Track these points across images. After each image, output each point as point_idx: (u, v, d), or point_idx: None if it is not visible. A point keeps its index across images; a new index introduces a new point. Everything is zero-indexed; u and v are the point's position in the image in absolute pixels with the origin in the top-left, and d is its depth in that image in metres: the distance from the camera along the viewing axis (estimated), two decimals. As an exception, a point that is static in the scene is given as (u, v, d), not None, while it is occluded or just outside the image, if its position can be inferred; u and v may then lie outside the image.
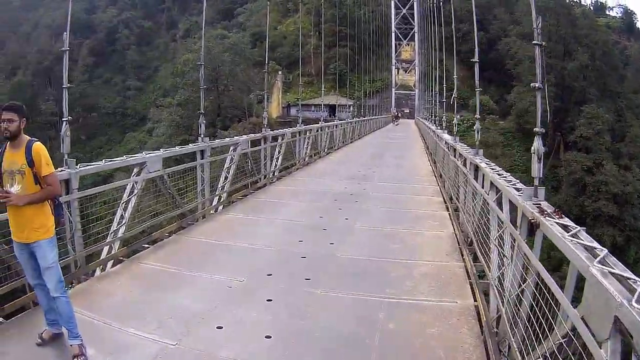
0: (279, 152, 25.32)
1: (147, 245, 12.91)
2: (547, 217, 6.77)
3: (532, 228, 7.17)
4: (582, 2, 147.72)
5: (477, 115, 17.52)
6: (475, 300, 9.61)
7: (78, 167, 10.58)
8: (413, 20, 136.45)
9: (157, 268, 11.28)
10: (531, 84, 8.89)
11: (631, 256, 70.86)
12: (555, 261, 13.64)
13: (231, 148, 19.39)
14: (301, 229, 14.92)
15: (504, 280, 8.50)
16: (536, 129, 8.57)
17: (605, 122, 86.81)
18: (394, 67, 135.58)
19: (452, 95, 32.27)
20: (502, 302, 8.25)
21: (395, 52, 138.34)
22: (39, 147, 7.15)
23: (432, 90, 62.98)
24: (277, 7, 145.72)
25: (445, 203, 19.21)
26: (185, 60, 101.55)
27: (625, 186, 77.62)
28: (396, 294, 9.87)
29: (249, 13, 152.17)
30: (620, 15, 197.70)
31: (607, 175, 77.63)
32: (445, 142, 24.13)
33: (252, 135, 22.18)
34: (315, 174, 27.31)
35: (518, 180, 9.68)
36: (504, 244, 8.92)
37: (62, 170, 10.07)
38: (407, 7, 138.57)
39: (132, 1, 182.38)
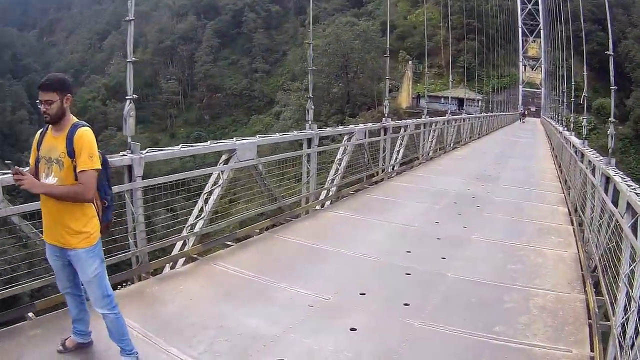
0: (401, 144, 23.74)
1: (230, 243, 11.53)
2: None
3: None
4: None
5: (612, 119, 15.75)
6: (592, 350, 7.82)
7: (144, 152, 9.35)
8: (538, 16, 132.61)
9: (232, 272, 9.90)
10: None
11: None
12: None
13: (345, 137, 17.99)
14: (412, 236, 13.33)
15: (627, 328, 6.80)
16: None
17: None
18: (521, 64, 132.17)
19: (579, 95, 30.56)
20: (621, 355, 6.70)
21: (522, 49, 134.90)
22: (84, 133, 5.73)
23: (558, 90, 60.84)
24: None
25: (570, 215, 17.36)
26: (315, 46, 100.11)
27: None
28: (506, 333, 8.13)
29: (378, 1, 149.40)
30: None
31: None
32: (573, 146, 22.86)
33: (370, 124, 20.86)
34: (438, 170, 25.74)
35: None
36: (634, 283, 7.15)
37: (123, 155, 8.99)
38: (532, 3, 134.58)
39: None
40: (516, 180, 24.53)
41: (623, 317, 7.26)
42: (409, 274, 10.42)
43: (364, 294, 9.18)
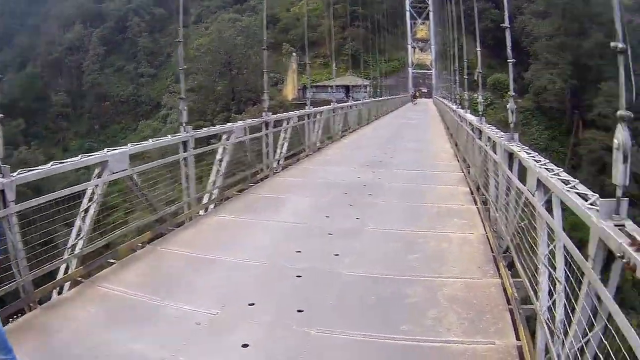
0: (284, 138, 22.73)
1: (113, 261, 10.60)
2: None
3: (608, 262, 5.18)
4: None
5: (512, 92, 14.43)
6: (518, 339, 7.32)
7: (14, 174, 8.50)
8: None
9: (117, 293, 9.06)
10: (611, 44, 5.58)
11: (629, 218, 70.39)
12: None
13: (223, 137, 16.86)
14: (302, 234, 12.45)
15: (556, 312, 6.39)
16: (621, 112, 5.43)
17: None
18: (409, 47, 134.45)
19: (472, 73, 30.13)
20: (552, 341, 6.30)
21: (411, 32, 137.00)
22: None
23: (450, 69, 61.07)
24: None
25: (473, 194, 16.83)
26: (197, 45, 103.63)
27: None
28: (415, 332, 7.48)
29: None
30: None
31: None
32: (469, 123, 21.61)
33: (250, 121, 19.73)
34: (326, 161, 24.76)
35: (576, 180, 7.12)
36: (556, 264, 6.74)
37: (-14, 180, 8.05)
38: None
39: None
40: (410, 164, 24.02)
41: (549, 301, 6.89)
42: (300, 277, 9.73)
43: (253, 304, 8.49)
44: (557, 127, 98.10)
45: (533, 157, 9.54)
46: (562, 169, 7.93)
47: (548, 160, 8.87)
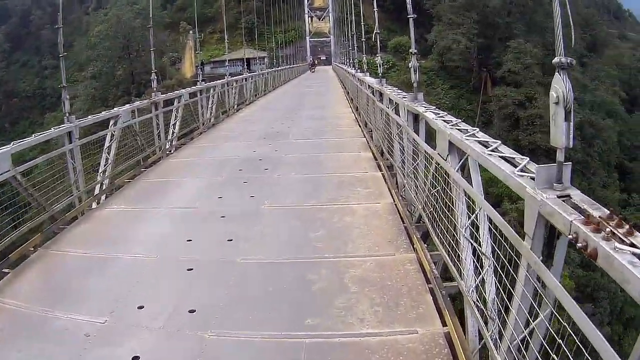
0: (176, 117, 21.78)
1: (6, 270, 9.37)
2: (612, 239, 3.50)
3: (550, 240, 4.40)
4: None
5: (413, 50, 12.59)
6: (444, 325, 6.49)
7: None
8: None
9: (9, 307, 7.94)
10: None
11: (575, 186, 71.10)
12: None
13: (111, 122, 15.69)
14: (193, 220, 11.55)
15: (486, 293, 5.68)
16: (559, 59, 4.46)
17: (534, 56, 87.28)
18: (307, 16, 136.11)
19: (371, 37, 29.28)
20: (487, 328, 5.48)
21: (308, 1, 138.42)
22: None
23: (348, 34, 60.49)
24: None
25: (376, 160, 16.11)
26: (98, 32, 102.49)
27: None
28: (323, 326, 6.68)
29: None
30: None
31: (541, 108, 77.40)
32: (369, 86, 21.11)
33: (138, 103, 18.46)
34: (221, 137, 23.65)
35: (498, 142, 6.32)
36: (480, 237, 6.01)
37: None
38: None
39: None
40: (309, 133, 22.99)
41: (476, 280, 6.09)
42: (191, 269, 8.78)
43: (143, 307, 7.54)
44: (464, 86, 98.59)
45: (442, 117, 8.86)
46: (477, 129, 7.20)
47: (460, 120, 8.13)
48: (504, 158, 5.66)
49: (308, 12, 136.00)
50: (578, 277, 48.51)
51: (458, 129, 7.35)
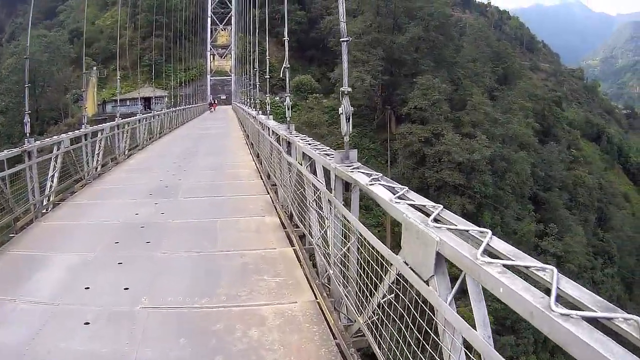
0: (55, 167, 18.00)
1: None
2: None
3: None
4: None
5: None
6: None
7: None
8: (230, 3, 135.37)
9: None
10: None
11: (487, 221, 72.72)
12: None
13: None
14: (46, 328, 8.05)
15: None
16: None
17: (442, 91, 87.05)
18: (209, 53, 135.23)
19: (275, 76, 27.22)
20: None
21: (211, 38, 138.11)
22: None
23: (249, 72, 58.69)
24: (95, 0, 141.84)
25: (285, 228, 13.30)
26: (8, 65, 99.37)
27: (471, 154, 78.38)
28: None
29: (69, 10, 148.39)
30: None
31: (449, 144, 78.55)
32: (273, 132, 18.36)
33: (4, 152, 14.37)
34: (104, 191, 19.75)
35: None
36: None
37: None
38: None
39: None
40: (204, 187, 19.77)
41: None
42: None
43: None
44: (367, 125, 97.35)
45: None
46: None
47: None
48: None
49: (210, 49, 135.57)
50: (496, 310, 47.65)
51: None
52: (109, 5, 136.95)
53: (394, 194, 6.23)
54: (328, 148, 9.29)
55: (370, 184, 6.75)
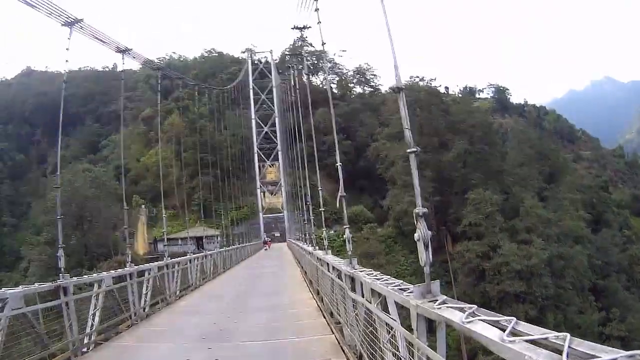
0: (95, 306, 16.97)
1: None
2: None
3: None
4: (450, 92, 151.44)
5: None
6: None
7: None
8: (275, 138, 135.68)
9: None
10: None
11: (550, 322, 71.41)
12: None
13: None
14: None
15: None
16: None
17: (494, 203, 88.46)
18: (259, 191, 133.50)
19: (327, 209, 25.95)
20: None
21: (260, 174, 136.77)
22: None
23: (301, 208, 57.98)
24: (140, 137, 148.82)
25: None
26: (52, 197, 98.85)
27: (529, 260, 78.78)
28: None
29: (112, 145, 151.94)
30: (491, 95, 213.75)
31: (507, 255, 79.32)
32: (333, 268, 16.61)
33: (37, 285, 14.23)
34: (150, 335, 17.87)
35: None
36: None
37: None
38: (268, 125, 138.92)
39: (5, 131, 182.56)
40: (260, 330, 17.27)
41: None
42: None
43: None
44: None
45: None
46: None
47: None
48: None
49: (260, 186, 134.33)
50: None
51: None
52: (152, 142, 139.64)
53: (503, 330, 5.20)
54: (400, 282, 8.23)
55: (468, 321, 5.52)
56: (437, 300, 6.62)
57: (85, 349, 15.00)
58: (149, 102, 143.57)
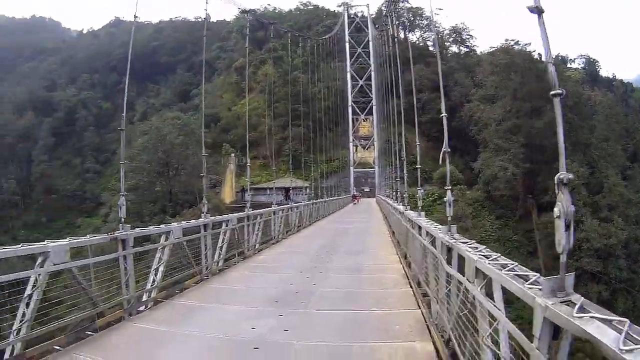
0: (160, 260, 15.54)
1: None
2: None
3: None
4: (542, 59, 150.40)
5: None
6: None
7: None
8: (371, 92, 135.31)
9: None
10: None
11: (619, 308, 70.14)
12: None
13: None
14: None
15: None
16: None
17: (580, 176, 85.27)
18: (351, 145, 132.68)
19: (416, 168, 24.24)
20: None
21: (353, 128, 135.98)
22: None
23: (393, 165, 55.95)
24: (232, 87, 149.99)
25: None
26: (139, 144, 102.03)
27: (608, 239, 77.91)
28: None
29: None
30: (582, 66, 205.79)
31: (588, 231, 77.77)
32: (427, 233, 13.32)
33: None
34: (216, 293, 16.15)
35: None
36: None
37: None
38: (364, 79, 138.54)
39: (91, 80, 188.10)
40: (340, 296, 15.28)
41: None
42: None
43: None
44: (510, 215, 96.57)
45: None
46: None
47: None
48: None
49: (353, 140, 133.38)
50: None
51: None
52: (244, 92, 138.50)
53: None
54: (514, 263, 6.62)
55: (628, 349, 3.92)
56: (572, 302, 4.88)
57: (142, 307, 13.88)
58: (242, 52, 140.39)
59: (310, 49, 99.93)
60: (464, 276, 8.34)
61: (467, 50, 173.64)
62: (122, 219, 14.20)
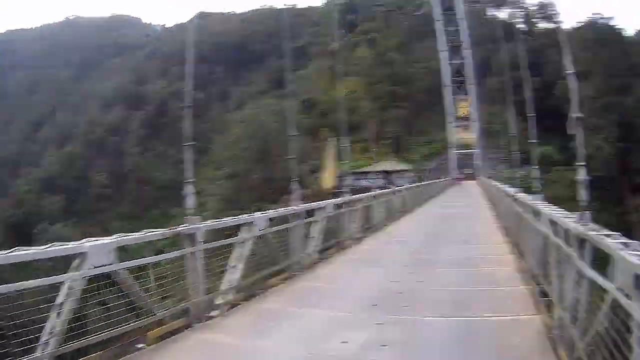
0: (240, 256, 13.86)
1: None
2: None
3: None
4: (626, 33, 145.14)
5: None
6: None
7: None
8: (464, 71, 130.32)
9: None
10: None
11: None
12: None
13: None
14: None
15: None
16: None
17: None
18: (451, 125, 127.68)
19: (520, 148, 22.61)
20: None
21: (451, 109, 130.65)
22: None
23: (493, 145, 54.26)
24: (328, 71, 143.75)
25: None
26: (235, 133, 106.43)
27: None
28: None
29: (300, 81, 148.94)
30: None
31: None
32: (552, 222, 11.41)
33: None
34: (306, 294, 14.31)
35: None
36: None
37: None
38: (458, 58, 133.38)
39: (182, 73, 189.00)
40: (448, 298, 13.00)
41: None
42: None
43: None
44: (604, 197, 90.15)
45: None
46: None
47: None
48: None
49: (452, 121, 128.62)
50: None
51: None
52: (339, 76, 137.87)
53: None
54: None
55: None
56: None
57: (214, 312, 12.12)
58: (333, 37, 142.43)
59: (405, 28, 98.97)
60: (610, 281, 6.19)
61: (555, 26, 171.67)
62: (192, 210, 13.11)
